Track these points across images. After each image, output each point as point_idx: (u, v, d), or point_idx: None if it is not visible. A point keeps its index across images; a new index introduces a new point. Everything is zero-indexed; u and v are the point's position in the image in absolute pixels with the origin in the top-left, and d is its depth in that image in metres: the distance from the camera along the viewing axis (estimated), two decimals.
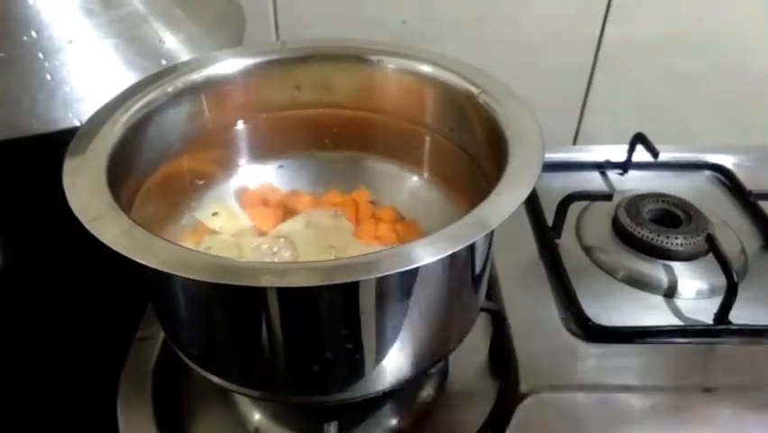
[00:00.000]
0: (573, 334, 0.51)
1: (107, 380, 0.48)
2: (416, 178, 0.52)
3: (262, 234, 0.50)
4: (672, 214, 0.60)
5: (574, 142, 0.89)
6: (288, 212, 0.51)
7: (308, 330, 0.35)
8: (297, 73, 0.50)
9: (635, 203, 0.61)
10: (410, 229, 0.50)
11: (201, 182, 0.50)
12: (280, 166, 0.53)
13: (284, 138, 0.52)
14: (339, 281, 0.30)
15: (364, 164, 0.53)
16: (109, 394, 0.47)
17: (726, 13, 0.77)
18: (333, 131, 0.53)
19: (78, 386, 0.54)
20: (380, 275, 0.30)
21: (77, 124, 0.43)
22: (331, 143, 0.53)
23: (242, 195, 0.52)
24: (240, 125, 0.51)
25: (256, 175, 0.53)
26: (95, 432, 0.48)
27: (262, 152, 0.52)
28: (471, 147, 0.46)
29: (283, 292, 0.32)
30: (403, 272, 0.31)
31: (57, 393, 0.54)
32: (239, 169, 0.52)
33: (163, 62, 0.49)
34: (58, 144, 0.39)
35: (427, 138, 0.51)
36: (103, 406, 0.46)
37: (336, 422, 0.41)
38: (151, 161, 0.44)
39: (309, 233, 0.49)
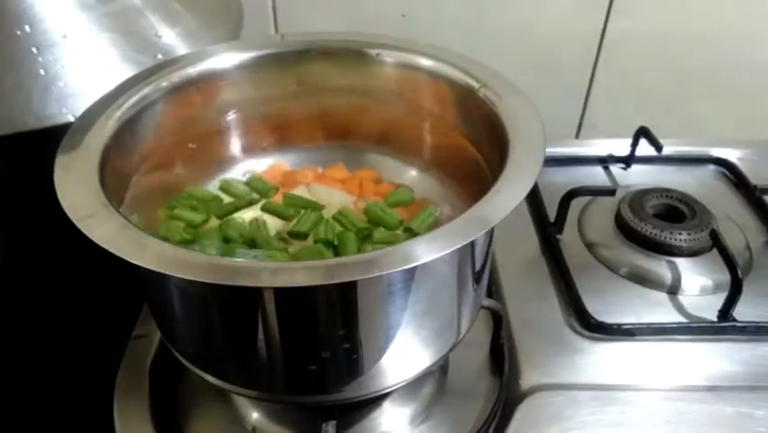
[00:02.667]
0: (575, 331, 0.51)
1: (104, 378, 0.47)
2: (416, 171, 0.52)
3: None
4: (676, 209, 0.60)
5: (577, 137, 0.88)
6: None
7: (306, 329, 0.34)
8: (296, 67, 0.50)
9: (639, 198, 0.60)
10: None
11: (196, 178, 0.49)
12: (277, 161, 0.53)
13: (282, 132, 0.52)
14: (337, 281, 0.29)
15: (364, 158, 0.53)
16: (106, 392, 0.46)
17: (731, 6, 0.76)
18: (333, 125, 0.52)
19: (75, 384, 0.54)
20: (379, 273, 0.30)
21: (72, 119, 0.43)
22: (330, 137, 0.53)
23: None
24: (237, 120, 0.50)
25: (253, 170, 0.52)
26: (91, 430, 0.48)
27: (260, 147, 0.52)
28: (473, 141, 0.46)
29: (280, 292, 0.32)
30: (402, 271, 0.30)
31: (54, 392, 0.54)
32: (236, 164, 0.52)
33: (160, 57, 0.48)
34: (53, 140, 0.38)
35: (428, 132, 0.50)
36: (99, 404, 0.46)
37: (335, 422, 0.40)
38: (146, 157, 0.43)
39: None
